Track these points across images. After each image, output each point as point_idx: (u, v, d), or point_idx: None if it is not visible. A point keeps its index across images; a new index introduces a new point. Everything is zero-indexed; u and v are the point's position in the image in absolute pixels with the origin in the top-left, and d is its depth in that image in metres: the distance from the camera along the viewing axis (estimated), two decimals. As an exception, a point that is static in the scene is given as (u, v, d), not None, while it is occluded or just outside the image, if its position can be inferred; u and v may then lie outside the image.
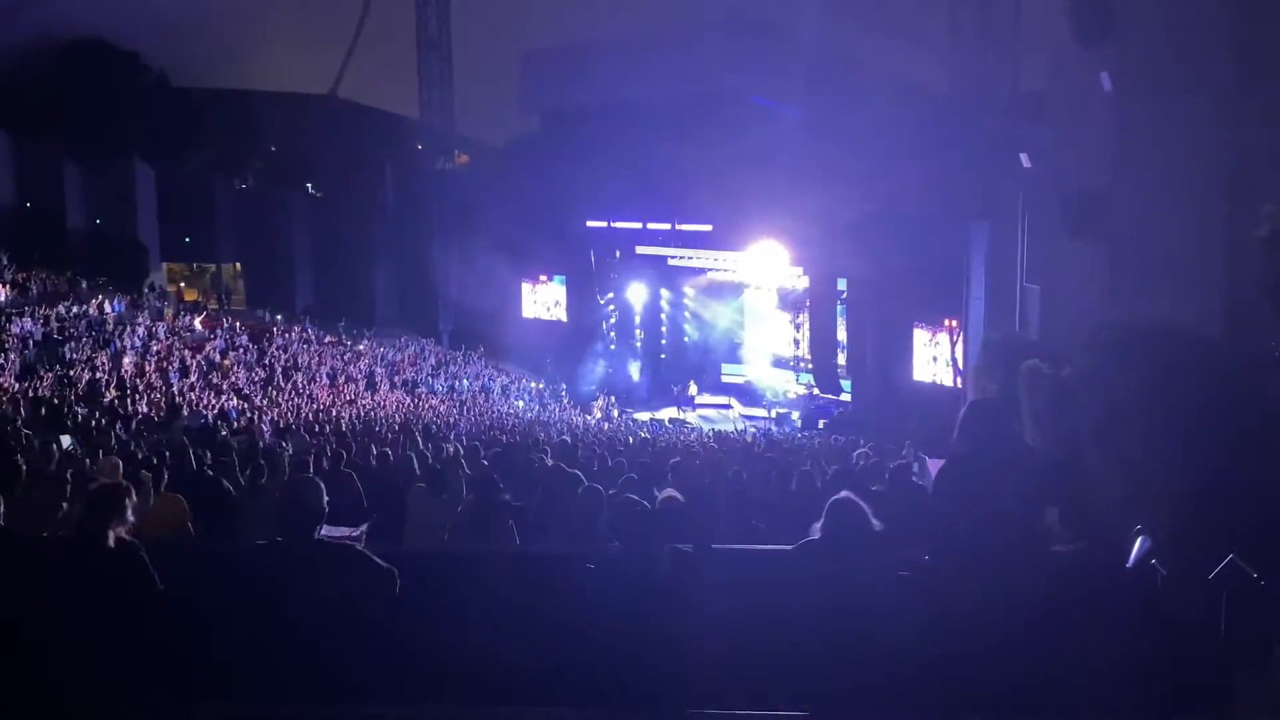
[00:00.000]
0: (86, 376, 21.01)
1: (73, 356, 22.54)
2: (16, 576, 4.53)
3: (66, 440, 12.11)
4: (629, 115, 33.57)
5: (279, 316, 36.69)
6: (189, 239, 42.10)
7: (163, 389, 21.77)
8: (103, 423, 16.95)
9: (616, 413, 33.43)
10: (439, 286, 39.52)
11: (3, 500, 4.87)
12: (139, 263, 38.35)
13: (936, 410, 23.36)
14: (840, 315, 30.98)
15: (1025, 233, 20.06)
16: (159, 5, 42.19)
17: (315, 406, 23.92)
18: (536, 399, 34.17)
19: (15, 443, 10.43)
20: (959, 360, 25.78)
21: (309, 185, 46.62)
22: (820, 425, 30.45)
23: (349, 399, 26.70)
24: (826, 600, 4.48)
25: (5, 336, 22.19)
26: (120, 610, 4.33)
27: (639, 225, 34.83)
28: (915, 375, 27.76)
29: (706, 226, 33.24)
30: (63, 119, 37.90)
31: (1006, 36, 27.79)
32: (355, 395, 27.61)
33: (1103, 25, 15.94)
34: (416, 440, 15.30)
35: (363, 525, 7.85)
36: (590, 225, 35.39)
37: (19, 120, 37.00)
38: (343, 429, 18.99)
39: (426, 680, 4.38)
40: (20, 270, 29.78)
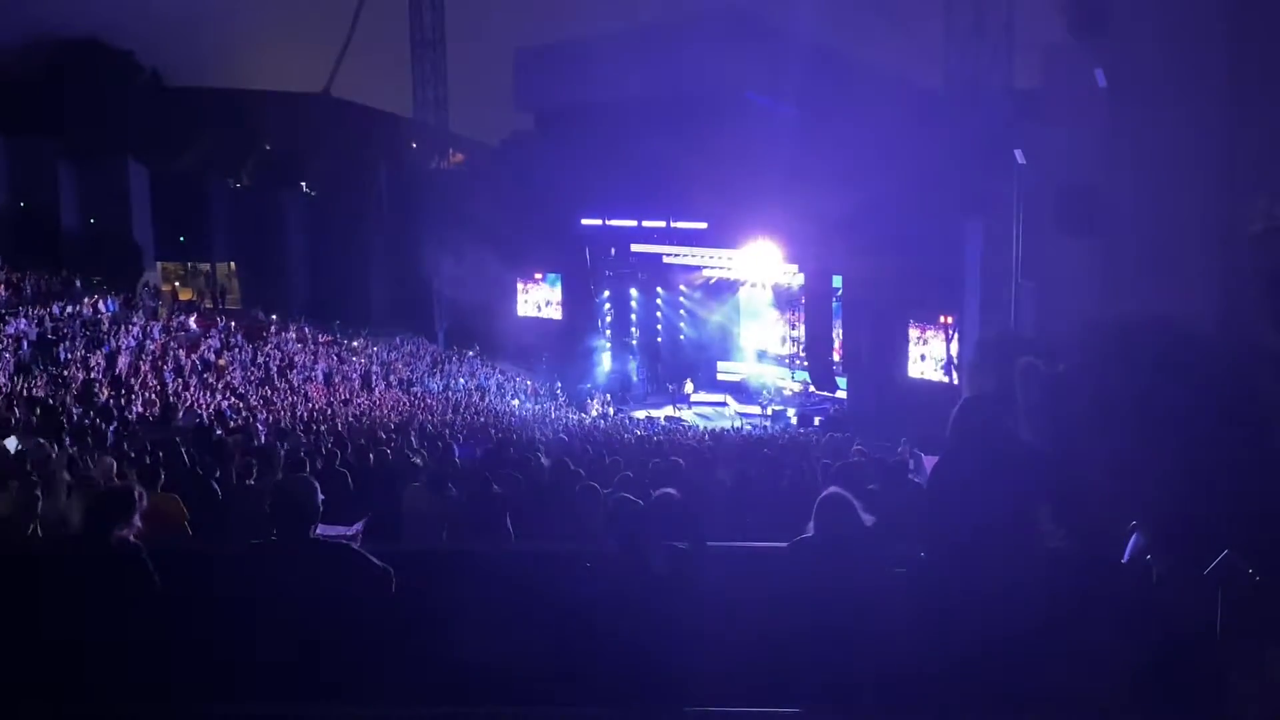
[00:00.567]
0: (81, 376, 20.97)
1: (67, 356, 22.49)
2: (17, 578, 4.53)
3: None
4: (623, 113, 33.51)
5: (274, 316, 36.65)
6: (183, 238, 42.00)
7: (157, 389, 21.72)
8: (97, 422, 16.92)
9: (612, 411, 33.41)
10: (434, 285, 39.47)
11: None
12: (133, 262, 38.26)
13: (932, 407, 23.33)
14: (836, 313, 30.97)
15: (1020, 229, 20.07)
16: (153, 4, 42.17)
17: (311, 406, 23.88)
18: (532, 398, 34.15)
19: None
20: (954, 357, 25.81)
21: (303, 184, 46.55)
22: (816, 423, 30.48)
23: (344, 398, 26.67)
24: (820, 598, 4.48)
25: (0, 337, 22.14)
26: (120, 612, 4.32)
27: (634, 223, 34.76)
28: (910, 372, 27.78)
29: (702, 224, 33.19)
30: (57, 118, 37.89)
31: (1000, 33, 27.84)
32: (351, 395, 27.59)
33: (1096, 21, 15.94)
34: (412, 439, 15.30)
35: (358, 524, 7.85)
36: (585, 223, 35.33)
37: (13, 119, 36.94)
38: (338, 428, 18.97)
39: (422, 679, 4.39)
40: (14, 270, 29.71)
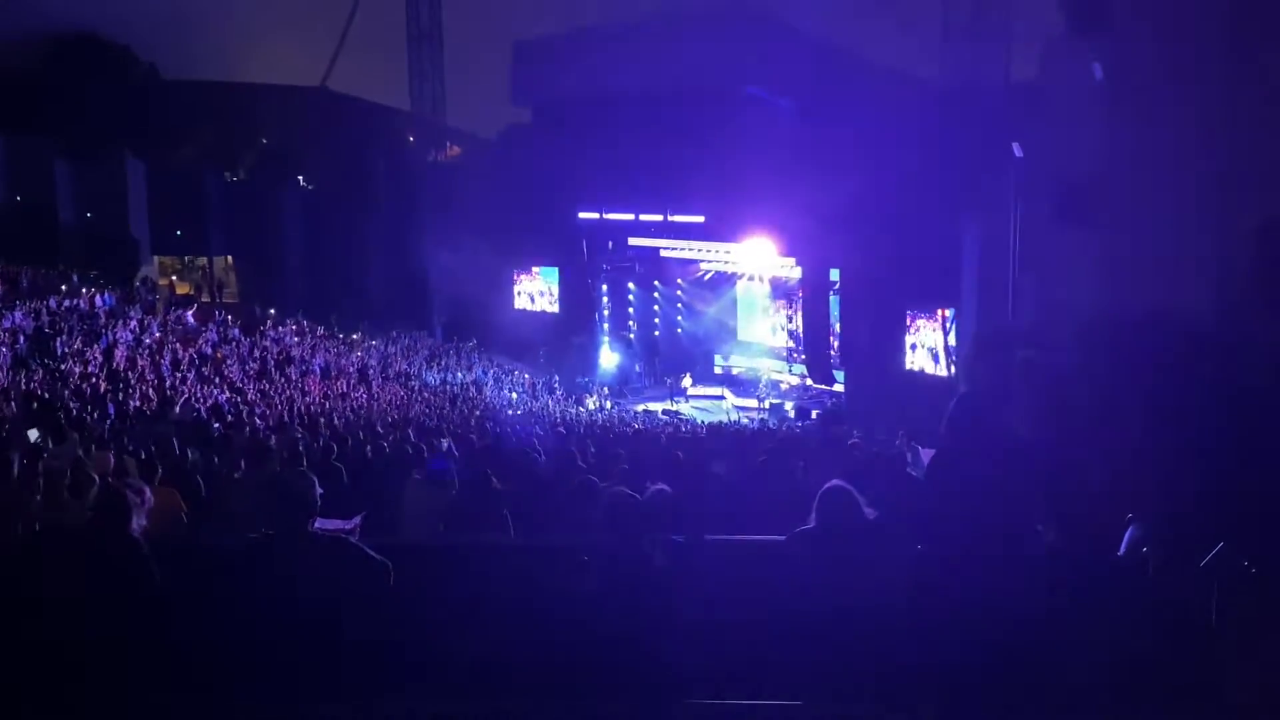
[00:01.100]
0: (78, 370, 20.94)
1: (64, 350, 22.46)
2: (22, 570, 4.54)
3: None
4: (621, 106, 33.47)
5: (271, 310, 36.62)
6: (180, 232, 41.94)
7: (155, 383, 21.70)
8: (94, 416, 16.90)
9: (610, 404, 33.42)
10: (431, 279, 39.44)
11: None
12: (130, 256, 38.24)
13: (929, 400, 23.38)
14: (833, 306, 30.95)
15: (1018, 223, 20.07)
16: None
17: (308, 400, 23.87)
18: (529, 391, 34.15)
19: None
20: (951, 349, 25.83)
21: (300, 178, 46.51)
22: (813, 416, 30.50)
23: (342, 392, 26.66)
24: (820, 590, 4.49)
25: (-3, 331, 22.13)
26: (121, 607, 4.33)
27: (631, 217, 34.71)
28: (908, 365, 27.80)
29: (699, 218, 33.15)
30: (53, 113, 37.81)
31: (998, 27, 27.84)
32: (348, 388, 27.57)
33: (1095, 15, 15.94)
34: (410, 434, 15.29)
35: (356, 518, 7.84)
36: (582, 217, 35.31)
37: (10, 114, 36.90)
38: (335, 422, 18.96)
39: (420, 672, 4.39)
40: (10, 265, 29.69)
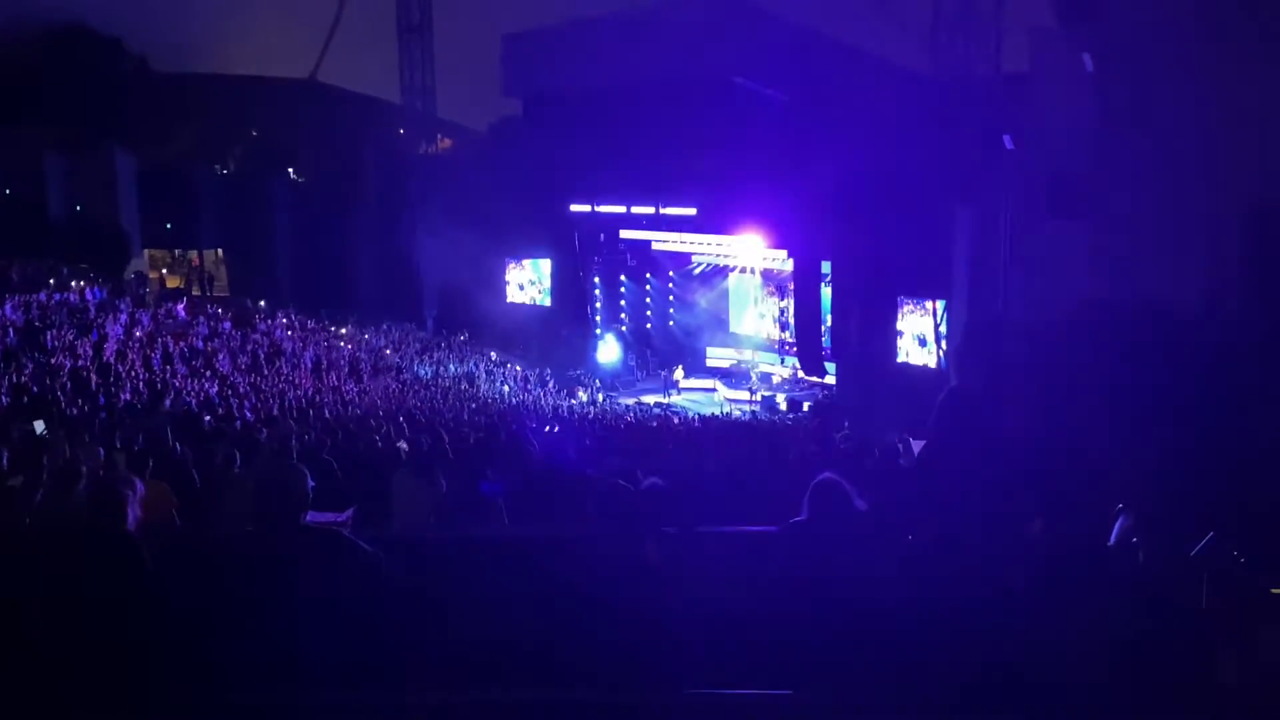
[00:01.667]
0: (68, 364, 20.89)
1: (54, 344, 22.40)
2: (15, 566, 4.53)
3: (40, 426, 12.01)
4: (612, 98, 33.42)
5: (262, 303, 36.55)
6: (170, 225, 41.81)
7: (145, 376, 21.66)
8: (85, 410, 16.86)
9: (601, 397, 33.43)
10: (422, 272, 39.37)
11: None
12: (121, 250, 38.11)
13: (920, 392, 23.42)
14: (825, 298, 30.96)
15: (1009, 214, 20.10)
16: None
17: (299, 393, 23.84)
18: (521, 384, 34.13)
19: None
20: (941, 339, 25.87)
21: (291, 170, 46.39)
22: (805, 408, 30.56)
23: (333, 385, 26.62)
24: (811, 580, 4.51)
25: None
26: (114, 601, 4.33)
27: (623, 209, 34.69)
28: (899, 357, 27.81)
29: (691, 210, 33.15)
30: (43, 106, 37.67)
31: (989, 18, 27.82)
32: (340, 381, 27.54)
33: (1085, 6, 15.98)
34: (404, 427, 15.28)
35: (348, 511, 7.84)
36: (574, 210, 35.28)
37: (-1, 107, 36.80)
38: (326, 415, 18.94)
39: (413, 665, 4.40)
40: (0, 258, 29.60)
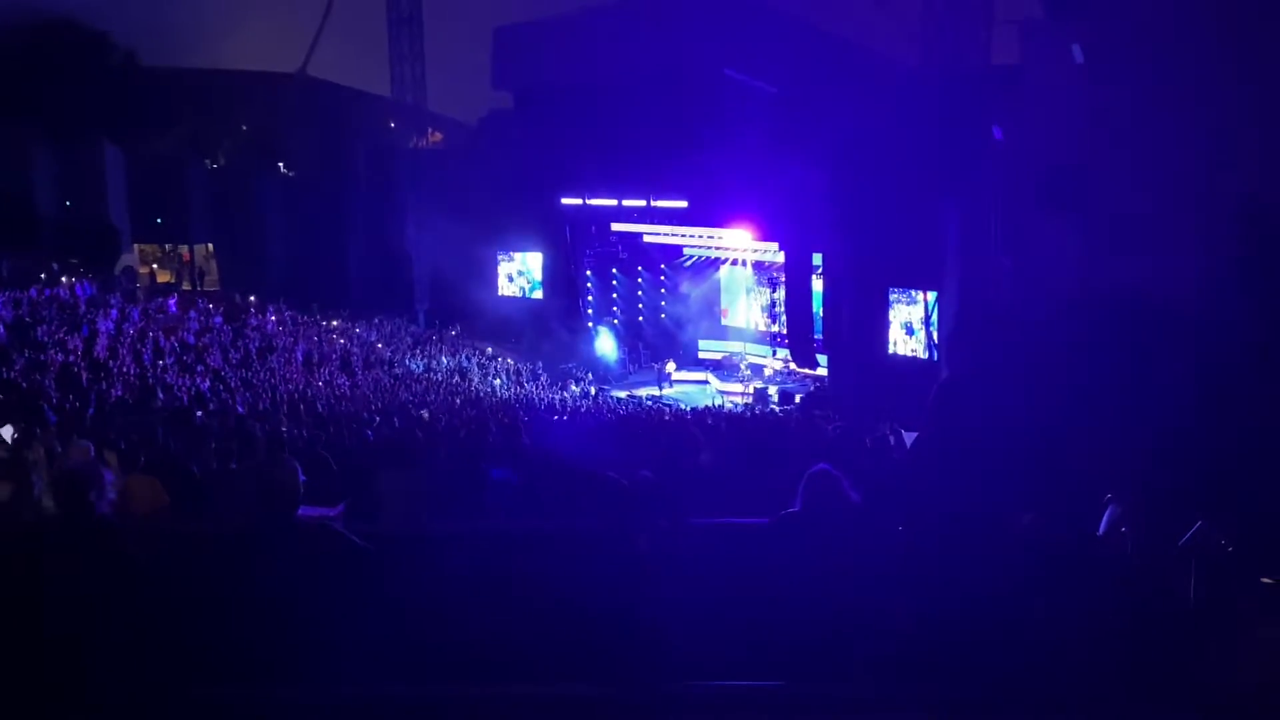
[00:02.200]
0: (59, 359, 20.84)
1: (45, 340, 22.34)
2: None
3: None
4: (602, 91, 33.38)
5: (252, 297, 36.46)
6: (160, 220, 41.69)
7: (136, 371, 21.61)
8: (76, 406, 16.83)
9: (594, 390, 33.42)
10: (414, 265, 39.32)
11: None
12: (110, 245, 37.99)
13: (912, 384, 23.47)
14: (816, 291, 30.98)
15: (998, 206, 20.12)
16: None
17: (291, 388, 23.81)
18: (514, 378, 34.11)
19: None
20: (931, 332, 25.92)
21: (281, 165, 46.27)
22: (797, 400, 30.60)
23: (325, 380, 26.59)
24: (804, 572, 4.52)
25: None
26: (98, 591, 4.32)
27: (614, 202, 34.65)
28: (890, 349, 27.85)
29: (682, 202, 33.14)
30: (31, 100, 37.44)
31: (979, 10, 27.85)
32: (331, 376, 27.50)
33: (1074, -2, 16.00)
34: (394, 421, 15.30)
35: (340, 506, 7.84)
36: (565, 203, 35.25)
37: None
38: (318, 410, 18.93)
39: (406, 659, 4.41)
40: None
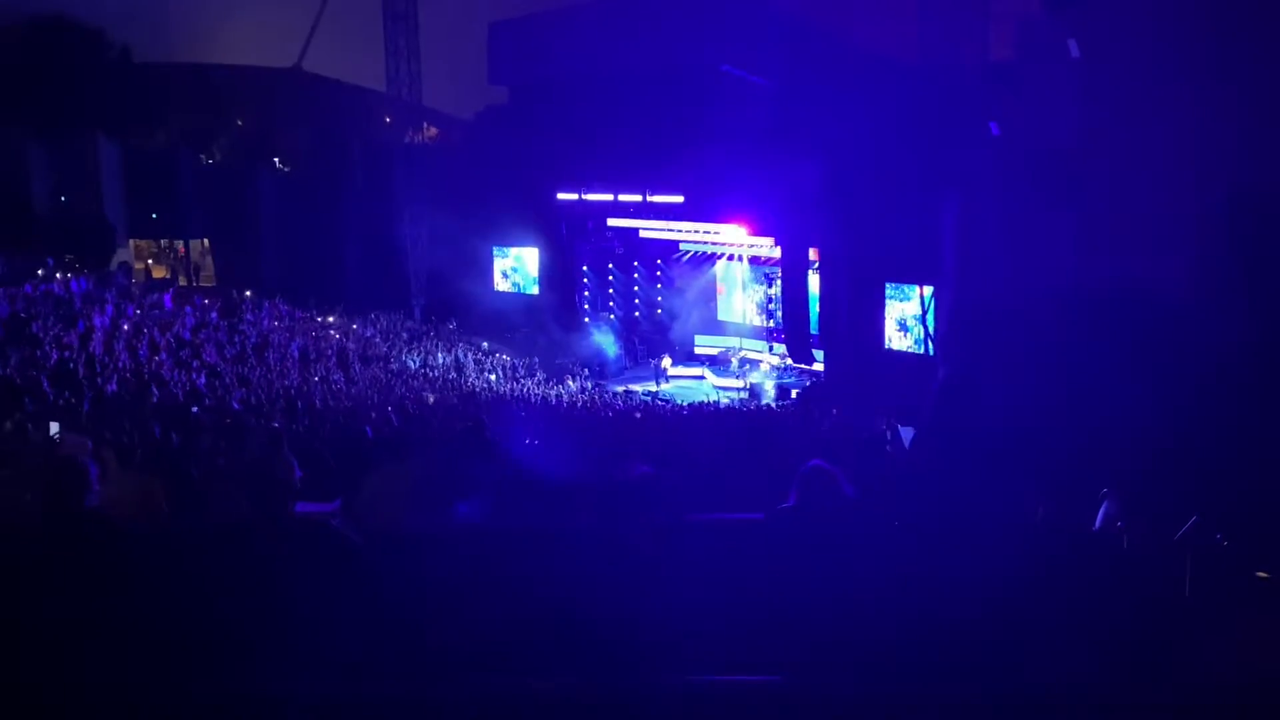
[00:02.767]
0: (55, 355, 20.82)
1: (40, 335, 22.31)
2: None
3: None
4: (598, 86, 33.40)
5: (248, 293, 36.41)
6: (156, 216, 41.66)
7: (132, 367, 21.59)
8: (72, 401, 16.82)
9: (590, 385, 33.42)
10: (410, 261, 39.30)
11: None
12: (106, 240, 37.95)
13: (908, 379, 23.52)
14: (812, 286, 30.98)
15: (995, 200, 20.13)
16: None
17: (287, 383, 23.79)
18: (510, 373, 34.09)
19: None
20: (927, 327, 25.93)
21: (276, 160, 46.20)
22: (793, 395, 30.62)
23: (321, 376, 26.57)
24: (800, 566, 4.53)
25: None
26: (89, 586, 4.32)
27: (610, 197, 34.62)
28: (887, 344, 27.88)
29: (678, 197, 33.12)
30: (25, 97, 37.36)
31: (976, 5, 27.81)
32: (327, 372, 27.48)
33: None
34: (390, 418, 15.28)
35: (336, 502, 7.84)
36: (561, 198, 35.23)
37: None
38: (315, 405, 18.91)
39: (399, 654, 4.41)
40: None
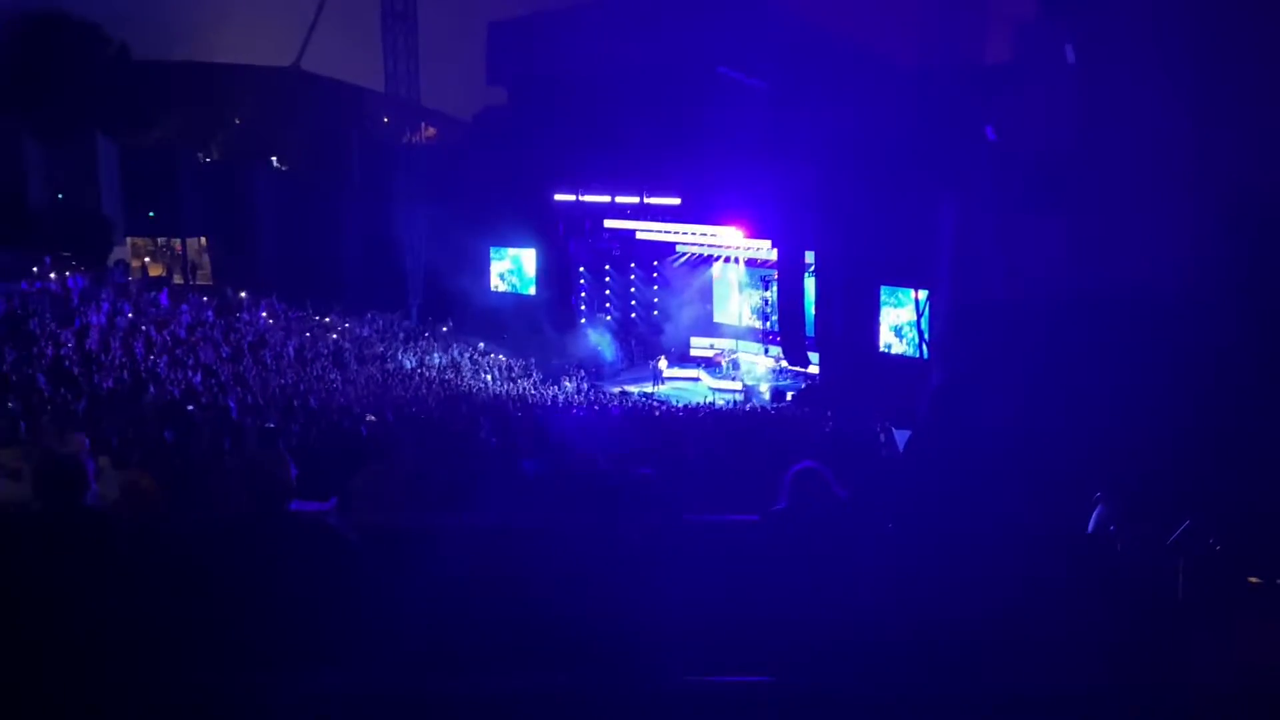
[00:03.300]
0: (51, 352, 20.80)
1: (37, 332, 22.30)
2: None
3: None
4: (597, 87, 33.43)
5: (243, 294, 36.36)
6: (153, 213, 41.61)
7: (128, 365, 21.58)
8: (68, 399, 16.81)
9: (586, 386, 33.44)
10: (407, 261, 39.30)
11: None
12: (103, 238, 37.90)
13: (904, 382, 23.56)
14: (809, 288, 31.03)
15: (991, 204, 20.18)
16: (120, -23, 41.68)
17: (283, 382, 23.79)
18: (506, 373, 34.09)
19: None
20: (922, 330, 25.98)
21: (274, 159, 46.16)
22: (789, 398, 30.66)
23: (317, 374, 26.57)
24: (792, 568, 4.55)
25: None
26: (86, 584, 4.34)
27: (607, 199, 34.67)
28: (882, 347, 27.93)
29: (675, 200, 33.16)
30: (22, 93, 37.30)
31: (972, 8, 27.86)
32: (323, 371, 27.48)
33: (1068, -2, 16.05)
34: (388, 417, 15.30)
35: (332, 500, 7.84)
36: (558, 199, 35.26)
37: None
38: (311, 405, 18.92)
39: (394, 652, 4.42)
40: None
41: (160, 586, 4.39)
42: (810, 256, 30.52)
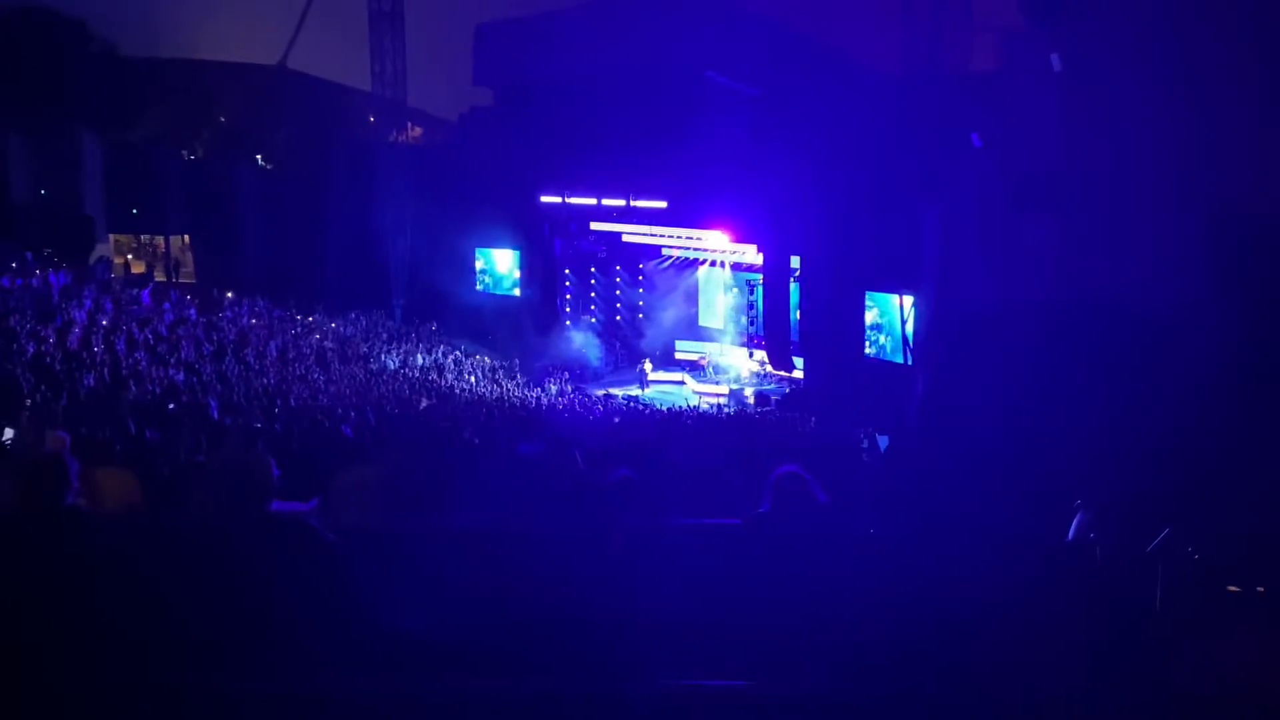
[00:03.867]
0: (32, 349, 20.67)
1: (17, 329, 22.15)
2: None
3: (8, 433, 11.72)
4: (583, 89, 33.42)
5: (229, 294, 36.21)
6: (136, 211, 41.42)
7: (110, 363, 21.46)
8: (49, 396, 16.71)
9: (571, 389, 33.41)
10: (392, 261, 39.21)
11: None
12: (85, 235, 37.70)
13: (887, 386, 23.64)
14: (793, 293, 31.08)
15: (976, 211, 20.25)
16: (105, -28, 41.52)
17: (265, 382, 23.70)
18: (490, 375, 34.03)
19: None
20: (908, 336, 26.06)
21: (259, 157, 46.01)
22: (772, 402, 30.70)
23: (300, 374, 26.48)
24: (773, 572, 4.55)
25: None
26: (67, 583, 4.31)
27: (594, 201, 34.66)
28: (867, 352, 28.00)
29: (661, 203, 33.17)
30: (5, 89, 37.10)
31: (958, 17, 27.97)
32: (306, 371, 27.39)
33: (1053, 4, 16.12)
34: (369, 417, 15.24)
35: (313, 501, 7.82)
36: (544, 201, 35.23)
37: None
38: (292, 404, 18.86)
39: (373, 653, 4.41)
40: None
41: (141, 586, 4.37)
42: (796, 261, 30.57)
